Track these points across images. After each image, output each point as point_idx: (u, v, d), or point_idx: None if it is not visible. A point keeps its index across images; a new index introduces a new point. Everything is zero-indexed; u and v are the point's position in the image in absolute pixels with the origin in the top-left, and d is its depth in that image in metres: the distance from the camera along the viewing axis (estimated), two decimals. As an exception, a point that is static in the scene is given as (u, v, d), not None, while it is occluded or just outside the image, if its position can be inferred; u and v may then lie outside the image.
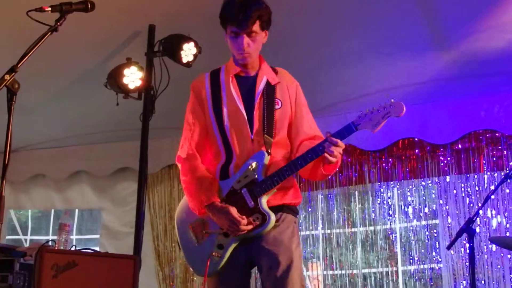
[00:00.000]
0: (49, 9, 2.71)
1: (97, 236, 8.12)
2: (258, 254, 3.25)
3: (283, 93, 3.42)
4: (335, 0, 4.78)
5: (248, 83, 3.43)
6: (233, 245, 3.25)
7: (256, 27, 3.28)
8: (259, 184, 3.22)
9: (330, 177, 6.82)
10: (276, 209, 3.27)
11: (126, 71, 5.43)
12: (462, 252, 5.98)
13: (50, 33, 2.67)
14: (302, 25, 5.08)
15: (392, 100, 3.11)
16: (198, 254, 3.32)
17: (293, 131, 3.42)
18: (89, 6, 2.85)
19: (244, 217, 3.19)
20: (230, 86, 3.40)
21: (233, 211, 3.19)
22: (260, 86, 3.39)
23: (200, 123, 3.46)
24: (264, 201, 3.22)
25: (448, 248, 4.22)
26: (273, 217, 3.19)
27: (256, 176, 3.23)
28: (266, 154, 3.26)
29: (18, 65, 2.50)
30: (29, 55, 2.57)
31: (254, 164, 3.25)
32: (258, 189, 3.22)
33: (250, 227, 3.19)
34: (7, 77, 2.44)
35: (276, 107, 3.36)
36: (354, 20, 5.05)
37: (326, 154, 3.11)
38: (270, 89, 3.40)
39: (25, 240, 8.76)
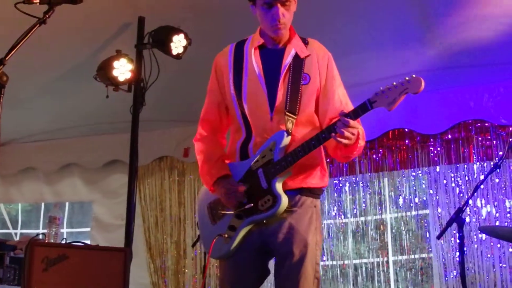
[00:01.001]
0: (38, 1, 2.69)
1: (88, 229, 8.11)
2: (273, 240, 3.13)
3: (312, 67, 3.23)
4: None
5: (275, 56, 3.25)
6: (245, 228, 3.15)
7: None
8: (274, 164, 3.08)
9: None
10: (295, 191, 3.15)
11: (116, 64, 5.42)
12: (452, 241, 6.00)
13: (38, 25, 2.65)
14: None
15: (413, 76, 2.92)
16: (211, 234, 3.22)
17: (322, 106, 3.24)
18: (77, -2, 2.84)
19: (242, 188, 3.13)
20: (252, 59, 3.25)
21: (228, 181, 3.16)
22: (287, 59, 3.21)
23: (217, 102, 3.37)
24: (278, 182, 3.09)
25: (438, 237, 4.23)
26: (284, 200, 3.06)
27: (273, 157, 3.09)
28: (286, 135, 3.10)
29: (7, 58, 2.49)
30: (17, 47, 2.55)
31: (272, 144, 3.11)
32: (273, 170, 3.08)
33: (242, 192, 3.11)
34: (-5, 69, 2.43)
35: (303, 82, 3.18)
36: (344, 11, 5.05)
37: (334, 135, 2.94)
38: (298, 62, 3.21)
39: (15, 234, 8.74)
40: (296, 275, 3.05)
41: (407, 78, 2.93)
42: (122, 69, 5.43)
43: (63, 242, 4.50)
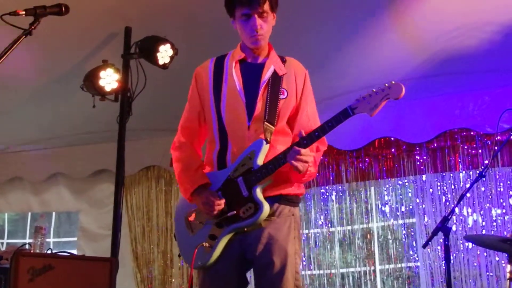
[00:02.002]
0: (23, 12, 2.70)
1: (75, 238, 8.08)
2: (252, 250, 3.13)
3: (290, 83, 3.30)
4: (316, 5, 4.81)
5: (255, 70, 3.32)
6: (226, 237, 3.15)
7: (266, 6, 3.20)
8: (254, 172, 3.10)
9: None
10: (272, 199, 3.16)
11: (103, 73, 5.42)
12: (439, 250, 6.01)
13: (24, 36, 2.66)
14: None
15: (393, 82, 2.96)
16: (191, 245, 3.20)
17: (293, 122, 3.31)
18: (63, 9, 2.85)
19: (222, 200, 3.13)
20: (233, 71, 3.32)
21: (207, 191, 3.17)
22: (267, 75, 3.28)
23: (197, 111, 3.41)
24: (258, 190, 3.10)
25: (424, 246, 4.23)
26: (266, 207, 3.07)
27: (253, 165, 3.11)
28: (265, 143, 3.14)
29: (-8, 69, 2.50)
30: (3, 58, 2.56)
31: (252, 153, 3.14)
32: (253, 178, 3.10)
33: (221, 206, 3.12)
34: (-19, 81, 2.44)
35: (281, 96, 3.25)
36: (330, 19, 5.07)
37: (289, 161, 3.01)
38: (276, 79, 3.28)
39: (2, 243, 8.69)
40: (277, 285, 3.06)
41: (387, 84, 2.98)
42: (109, 79, 5.43)
43: (49, 252, 4.48)
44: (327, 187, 6.90)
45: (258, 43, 3.28)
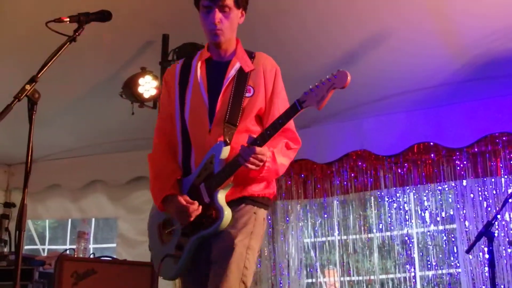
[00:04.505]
0: (68, 19, 2.73)
1: (114, 245, 8.14)
2: (212, 248, 3.01)
3: (258, 80, 3.18)
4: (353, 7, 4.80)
5: (220, 68, 3.21)
6: (194, 245, 3.05)
7: (229, 1, 3.10)
8: (215, 177, 2.99)
9: (345, 182, 6.82)
10: (237, 201, 3.05)
11: (141, 81, 5.46)
12: (481, 256, 5.92)
13: (69, 43, 2.68)
14: (306, 25, 5.09)
15: (339, 70, 2.83)
16: (160, 255, 3.13)
17: (265, 119, 3.18)
18: (107, 15, 2.87)
19: (195, 202, 2.97)
20: (198, 72, 3.22)
21: (181, 198, 3.00)
22: (231, 72, 3.17)
23: (170, 113, 3.29)
24: (220, 195, 3.00)
25: (467, 252, 4.20)
26: (227, 213, 2.96)
27: (213, 169, 3.01)
28: (224, 145, 3.01)
29: (38, 75, 2.52)
30: (48, 65, 2.58)
31: (212, 157, 3.03)
32: (214, 183, 2.99)
33: (199, 210, 2.97)
34: (27, 87, 2.46)
35: (247, 94, 3.13)
36: (371, 26, 5.06)
37: (241, 162, 2.89)
38: (242, 76, 3.16)
39: (43, 249, 8.80)
40: (219, 272, 2.91)
41: (333, 73, 2.84)
42: (147, 86, 5.47)
43: (92, 257, 4.52)
44: (365, 193, 6.85)
45: (217, 38, 3.16)
